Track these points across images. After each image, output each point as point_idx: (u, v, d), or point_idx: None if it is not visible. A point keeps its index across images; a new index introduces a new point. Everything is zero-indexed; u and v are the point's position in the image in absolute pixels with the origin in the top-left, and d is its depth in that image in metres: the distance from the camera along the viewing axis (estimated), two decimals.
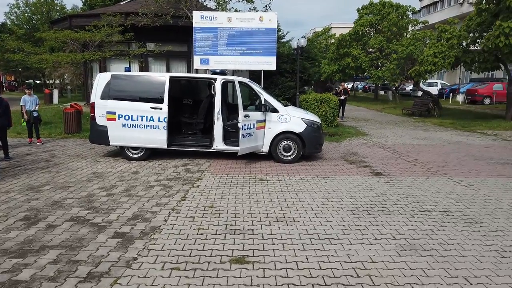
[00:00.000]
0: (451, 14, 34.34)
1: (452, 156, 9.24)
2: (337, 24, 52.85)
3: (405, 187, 6.58)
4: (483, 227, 4.73)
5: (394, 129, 14.54)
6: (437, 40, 16.62)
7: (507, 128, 14.21)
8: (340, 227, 4.71)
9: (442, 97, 28.70)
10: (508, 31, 12.72)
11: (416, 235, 4.49)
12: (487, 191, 6.30)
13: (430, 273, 3.58)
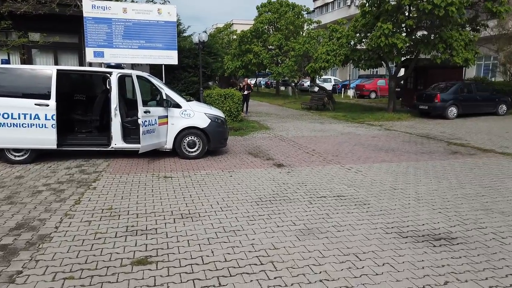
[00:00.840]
0: (341, 15, 37.41)
1: (344, 146, 10.09)
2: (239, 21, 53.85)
3: (304, 176, 6.99)
4: (370, 208, 5.25)
5: (294, 122, 15.35)
6: (329, 39, 17.98)
7: (389, 119, 16.00)
8: (244, 219, 4.81)
9: (336, 92, 31.17)
10: (387, 32, 14.31)
11: (313, 219, 4.80)
12: (373, 176, 7.02)
13: (326, 254, 3.86)
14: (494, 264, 3.65)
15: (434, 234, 4.36)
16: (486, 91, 16.96)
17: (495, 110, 16.53)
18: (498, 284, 3.29)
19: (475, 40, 15.55)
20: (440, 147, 9.88)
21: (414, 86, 19.31)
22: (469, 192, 5.96)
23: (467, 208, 5.24)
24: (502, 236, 4.30)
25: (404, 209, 5.19)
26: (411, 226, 4.61)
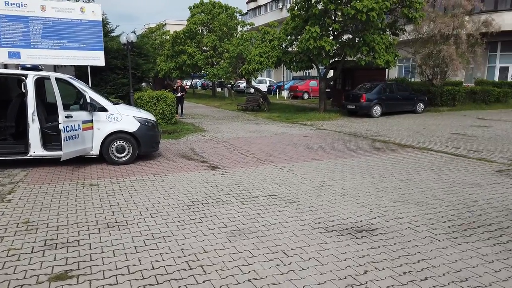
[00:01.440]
0: (273, 18, 38.25)
1: (278, 146, 10.34)
2: (172, 21, 52.77)
3: (238, 177, 7.04)
4: (299, 205, 5.43)
5: (229, 124, 15.40)
6: (261, 41, 18.30)
7: (320, 119, 16.68)
8: (175, 224, 4.72)
9: (271, 93, 31.83)
10: (316, 35, 14.93)
11: (245, 220, 4.85)
12: (304, 174, 7.27)
13: (255, 253, 3.92)
14: (408, 251, 3.96)
15: (356, 227, 4.62)
16: (406, 90, 18.37)
17: (414, 108, 17.94)
18: (411, 270, 3.57)
19: (395, 44, 16.78)
20: (365, 144, 10.51)
21: (343, 87, 20.35)
22: (389, 186, 6.41)
23: (387, 200, 5.63)
24: (416, 225, 4.68)
25: (330, 205, 5.44)
26: (336, 220, 4.85)
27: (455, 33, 17.62)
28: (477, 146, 9.94)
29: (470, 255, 3.84)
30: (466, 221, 4.75)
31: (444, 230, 4.48)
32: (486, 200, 5.57)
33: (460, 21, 17.59)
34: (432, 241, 4.19)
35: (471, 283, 3.31)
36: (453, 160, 8.36)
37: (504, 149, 9.43)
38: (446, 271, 3.53)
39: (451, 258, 3.78)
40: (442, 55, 17.23)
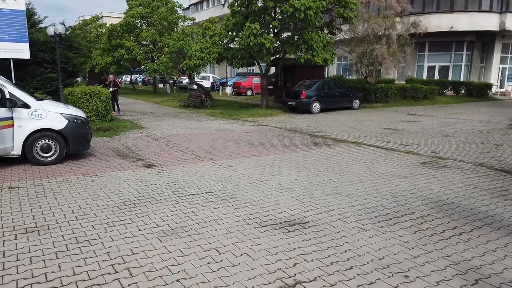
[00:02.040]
0: (215, 14, 37.91)
1: (218, 142, 10.25)
2: (109, 14, 50.31)
3: (175, 175, 6.86)
4: (235, 201, 5.41)
5: (170, 120, 15.02)
6: (202, 37, 18.05)
7: (262, 115, 16.83)
8: (103, 226, 4.47)
9: (214, 90, 31.59)
10: (256, 32, 15.01)
11: (178, 219, 4.73)
12: (242, 170, 7.26)
13: (187, 252, 3.83)
14: (337, 242, 4.09)
15: (290, 221, 4.69)
16: (343, 88, 19.12)
17: (351, 104, 18.74)
18: (338, 260, 3.69)
19: (332, 42, 17.37)
20: (304, 140, 10.76)
21: (284, 84, 20.72)
22: (323, 179, 6.61)
23: (320, 193, 5.80)
24: (346, 216, 4.86)
25: (266, 200, 5.48)
26: (271, 215, 4.89)
27: (387, 33, 18.65)
28: (406, 140, 10.59)
29: (393, 243, 4.05)
30: (391, 211, 5.03)
31: (371, 220, 4.69)
32: (410, 190, 5.94)
33: (391, 22, 18.65)
34: (360, 231, 4.37)
35: (392, 270, 3.49)
36: (384, 153, 8.83)
37: (429, 143, 10.14)
38: (370, 259, 3.70)
39: (376, 246, 3.97)
40: (375, 54, 18.17)
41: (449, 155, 8.50)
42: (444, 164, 7.70)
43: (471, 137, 10.95)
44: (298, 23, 16.31)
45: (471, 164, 7.68)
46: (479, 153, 8.75)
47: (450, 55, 27.71)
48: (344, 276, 3.38)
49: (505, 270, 3.49)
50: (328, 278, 3.36)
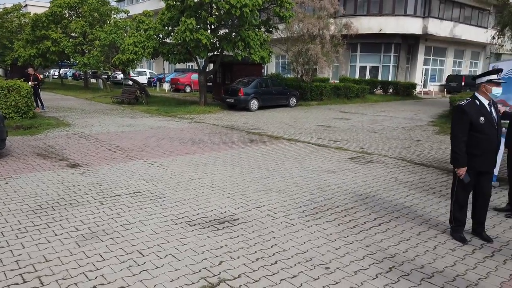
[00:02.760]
0: (152, 7, 36.62)
1: (152, 140, 9.92)
2: (34, 2, 46.52)
3: (101, 175, 6.50)
4: (165, 201, 5.25)
5: (101, 117, 14.26)
6: (136, 30, 17.34)
7: (200, 112, 16.61)
8: (13, 232, 4.10)
9: (151, 86, 30.59)
10: (192, 27, 14.73)
11: (101, 221, 4.48)
12: (175, 168, 7.08)
13: (107, 256, 3.63)
14: (264, 238, 4.13)
15: (219, 219, 4.65)
16: (280, 86, 19.47)
17: (288, 102, 19.13)
18: (264, 255, 3.72)
19: (269, 40, 17.60)
20: (240, 137, 10.78)
21: (223, 81, 20.62)
22: (256, 176, 6.65)
23: (252, 190, 5.83)
24: (275, 211, 4.93)
25: (197, 198, 5.39)
26: (200, 213, 4.81)
27: (321, 33, 19.31)
28: (337, 136, 11.05)
29: (317, 236, 4.18)
30: (318, 205, 5.19)
31: (299, 215, 4.81)
32: (337, 184, 6.18)
33: (325, 22, 19.34)
34: (287, 226, 4.46)
35: (314, 262, 3.59)
36: (315, 149, 9.12)
37: (358, 139, 10.66)
38: (294, 253, 3.77)
39: (301, 240, 4.07)
40: (310, 53, 18.72)
41: (375, 151, 9.00)
42: (370, 159, 8.13)
43: (395, 133, 11.71)
44: (235, 20, 16.30)
45: (394, 158, 8.19)
46: (402, 148, 9.38)
47: (380, 56, 29.42)
48: (268, 272, 3.41)
49: (416, 257, 3.74)
50: (252, 274, 3.37)
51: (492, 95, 3.88)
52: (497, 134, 3.89)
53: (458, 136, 3.89)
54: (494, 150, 3.91)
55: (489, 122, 3.84)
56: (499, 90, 3.83)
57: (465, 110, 3.86)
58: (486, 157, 3.88)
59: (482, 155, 3.86)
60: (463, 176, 3.89)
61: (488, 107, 3.89)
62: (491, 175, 4.08)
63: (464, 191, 4.03)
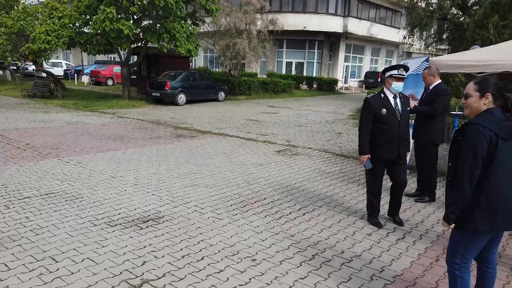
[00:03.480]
0: None
1: (68, 137, 9.19)
2: None
3: (7, 176, 5.86)
4: (82, 202, 4.88)
5: (8, 113, 12.89)
6: (49, 18, 15.89)
7: (123, 107, 15.79)
8: None
9: (68, 78, 28.39)
10: (112, 17, 13.89)
11: (6, 227, 4.02)
12: (94, 166, 6.63)
13: (13, 265, 3.27)
14: (191, 234, 4.03)
15: (143, 217, 4.44)
16: (208, 80, 19.26)
17: (216, 96, 19.02)
18: (190, 252, 3.63)
19: (195, 33, 17.28)
20: (167, 132, 10.46)
21: (148, 74, 19.84)
22: (183, 172, 6.49)
23: (179, 186, 5.67)
24: (202, 207, 4.84)
25: (119, 197, 5.09)
26: (122, 213, 4.56)
27: (248, 28, 19.45)
28: (265, 130, 11.23)
29: (245, 229, 4.19)
30: (246, 198, 5.21)
31: (226, 209, 4.78)
32: (264, 177, 6.27)
33: (252, 18, 19.52)
34: (214, 221, 4.40)
35: (241, 255, 3.59)
36: (244, 143, 9.17)
37: (285, 132, 10.94)
38: (221, 247, 3.74)
39: (228, 234, 4.04)
40: (237, 48, 18.78)
41: (300, 144, 9.30)
42: (296, 151, 8.39)
43: (319, 126, 12.23)
44: (160, 11, 15.71)
45: (317, 150, 8.54)
46: (325, 140, 9.82)
47: (305, 52, 30.52)
48: (195, 268, 3.33)
49: (337, 243, 3.93)
50: (177, 272, 3.26)
51: (392, 89, 4.11)
52: (399, 125, 4.11)
53: (362, 126, 4.19)
54: (395, 140, 4.10)
55: (390, 114, 4.09)
56: (398, 84, 4.08)
57: (369, 102, 4.15)
58: (388, 146, 4.11)
59: (385, 144, 4.11)
60: (365, 163, 4.19)
61: (392, 100, 4.14)
62: (403, 164, 4.37)
63: (374, 179, 4.30)
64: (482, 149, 2.27)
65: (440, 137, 5.14)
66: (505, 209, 2.35)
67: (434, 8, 19.53)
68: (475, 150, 2.28)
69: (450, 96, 5.43)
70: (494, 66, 5.82)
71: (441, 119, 5.18)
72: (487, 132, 2.27)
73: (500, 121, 2.33)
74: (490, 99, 2.40)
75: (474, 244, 2.47)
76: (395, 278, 3.27)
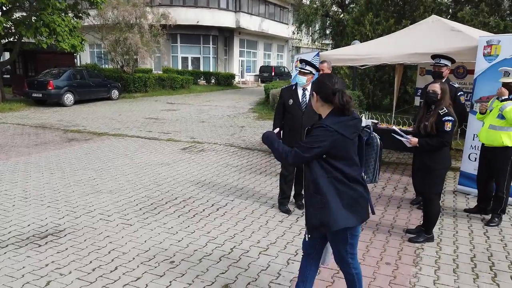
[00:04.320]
0: None
1: None
2: None
3: None
4: None
5: None
6: None
7: None
8: None
9: None
10: None
11: None
12: None
13: None
14: (99, 244, 3.75)
15: (40, 233, 3.98)
16: (99, 77, 17.89)
17: (109, 95, 17.80)
18: (101, 264, 3.37)
19: (79, 27, 15.87)
20: (56, 136, 9.48)
21: (25, 72, 17.65)
22: (81, 178, 5.97)
23: (78, 194, 5.20)
24: (108, 214, 4.53)
25: (6, 214, 4.47)
26: (14, 231, 4.02)
27: (139, 22, 18.56)
28: (167, 128, 10.91)
29: (158, 232, 4.04)
30: (156, 200, 5.02)
31: (136, 213, 4.55)
32: (173, 176, 6.11)
33: (142, 11, 18.66)
34: (124, 227, 4.16)
35: (158, 259, 3.46)
36: (146, 143, 8.79)
37: (188, 129, 10.78)
38: (135, 254, 3.56)
39: (141, 239, 3.86)
40: (129, 43, 17.80)
41: (205, 139, 9.27)
42: (202, 148, 8.35)
43: (222, 121, 12.34)
44: (34, 2, 14.03)
45: (223, 145, 8.62)
46: (229, 135, 9.95)
47: (200, 47, 30.36)
48: (109, 280, 3.11)
49: (252, 234, 4.04)
50: (89, 287, 3.01)
51: (298, 82, 4.42)
52: (302, 115, 4.36)
53: (275, 113, 4.60)
54: (298, 129, 4.31)
55: (296, 104, 4.38)
56: (302, 78, 4.37)
57: (282, 93, 4.57)
58: (292, 134, 4.38)
59: (289, 132, 4.44)
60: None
61: (301, 92, 4.43)
62: None
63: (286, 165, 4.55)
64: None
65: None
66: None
67: (318, 5, 21.09)
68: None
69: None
70: (373, 59, 6.57)
71: None
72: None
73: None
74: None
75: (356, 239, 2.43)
76: None
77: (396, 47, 6.38)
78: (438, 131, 3.59)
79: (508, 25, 9.52)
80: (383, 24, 11.93)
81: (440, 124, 3.56)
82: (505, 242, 3.86)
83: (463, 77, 7.24)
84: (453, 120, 3.55)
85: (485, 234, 4.05)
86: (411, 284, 3.09)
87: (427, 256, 3.56)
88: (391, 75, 11.71)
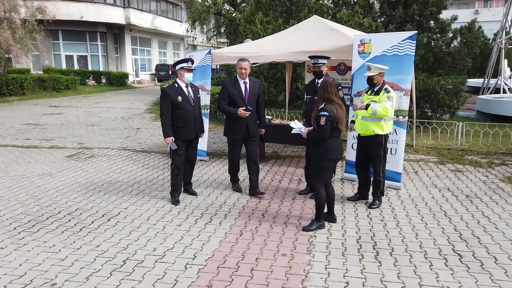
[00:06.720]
0: None
1: None
2: None
3: None
4: None
5: None
6: None
7: None
8: None
9: None
10: None
11: None
12: None
13: None
14: None
15: None
16: None
17: None
18: None
19: None
20: None
21: None
22: None
23: None
24: None
25: None
26: None
27: (9, 16, 16.34)
28: (50, 134, 9.83)
29: (37, 252, 3.57)
30: (35, 216, 4.45)
31: (9, 234, 3.96)
32: (56, 188, 5.49)
33: (12, 4, 16.46)
34: None
35: (36, 283, 3.04)
36: (24, 152, 7.79)
37: (75, 134, 9.85)
38: (8, 281, 3.07)
39: (15, 263, 3.36)
40: None
41: (95, 144, 8.58)
42: (91, 153, 7.69)
43: (115, 124, 11.56)
44: None
45: (116, 149, 8.06)
46: (123, 138, 9.36)
47: (86, 45, 28.08)
48: None
49: (148, 242, 3.82)
50: None
51: (185, 79, 4.70)
52: (193, 109, 4.75)
53: (163, 113, 4.66)
54: (192, 122, 4.74)
55: (186, 100, 4.70)
56: (189, 75, 4.70)
57: (166, 92, 4.64)
58: (187, 128, 4.72)
59: (184, 127, 4.69)
60: (170, 144, 4.64)
61: (185, 88, 4.74)
62: (195, 142, 4.98)
63: (178, 157, 4.77)
64: None
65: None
66: None
67: (210, 4, 21.07)
68: None
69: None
70: (263, 57, 6.74)
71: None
72: None
73: None
74: None
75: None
76: (207, 261, 3.43)
77: (283, 46, 6.64)
78: (317, 125, 3.84)
79: (379, 26, 10.65)
80: (273, 23, 12.40)
81: (317, 119, 3.82)
82: (384, 222, 4.29)
83: (344, 73, 7.87)
84: (328, 115, 3.79)
85: (368, 216, 4.45)
86: (305, 272, 3.23)
87: (319, 243, 3.76)
88: (283, 72, 12.25)
